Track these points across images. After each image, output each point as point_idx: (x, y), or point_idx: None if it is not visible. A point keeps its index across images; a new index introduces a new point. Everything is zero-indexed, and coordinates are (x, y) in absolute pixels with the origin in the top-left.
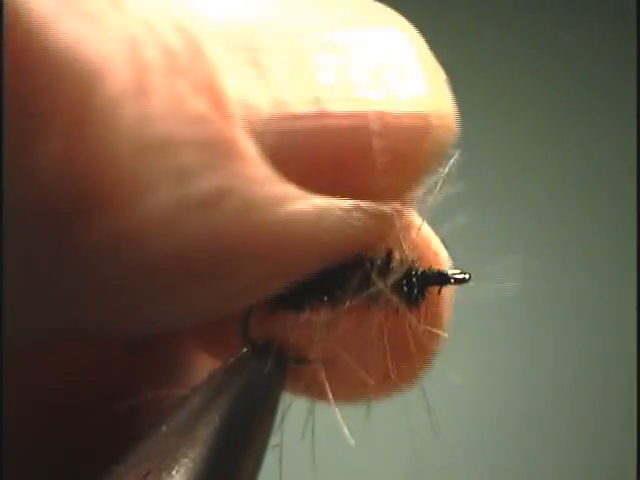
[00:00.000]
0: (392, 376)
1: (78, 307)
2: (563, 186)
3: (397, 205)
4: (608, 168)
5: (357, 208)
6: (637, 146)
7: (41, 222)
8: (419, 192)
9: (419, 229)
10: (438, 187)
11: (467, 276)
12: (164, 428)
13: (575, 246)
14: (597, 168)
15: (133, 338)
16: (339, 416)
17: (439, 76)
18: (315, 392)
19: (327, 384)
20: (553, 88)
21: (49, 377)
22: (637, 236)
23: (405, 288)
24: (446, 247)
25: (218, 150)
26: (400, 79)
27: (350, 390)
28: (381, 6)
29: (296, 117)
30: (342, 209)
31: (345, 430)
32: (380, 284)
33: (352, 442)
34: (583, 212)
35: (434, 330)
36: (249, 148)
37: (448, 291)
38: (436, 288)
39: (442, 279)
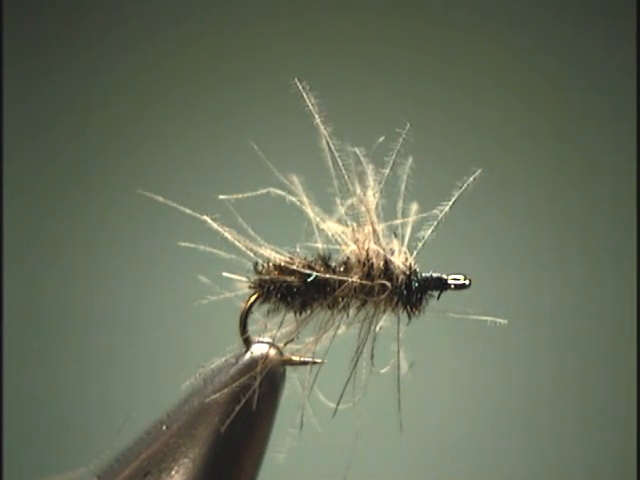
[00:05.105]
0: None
1: None
2: (563, 187)
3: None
4: (608, 168)
5: None
6: (637, 146)
7: None
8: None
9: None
10: (452, 202)
11: (467, 282)
12: (164, 428)
13: (575, 246)
14: (597, 169)
15: None
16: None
17: None
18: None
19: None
20: (553, 88)
21: None
22: (637, 236)
23: (405, 292)
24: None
25: None
26: None
27: None
28: None
29: None
30: None
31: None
32: (380, 289)
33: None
34: (583, 213)
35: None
36: None
37: None
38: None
39: (442, 284)
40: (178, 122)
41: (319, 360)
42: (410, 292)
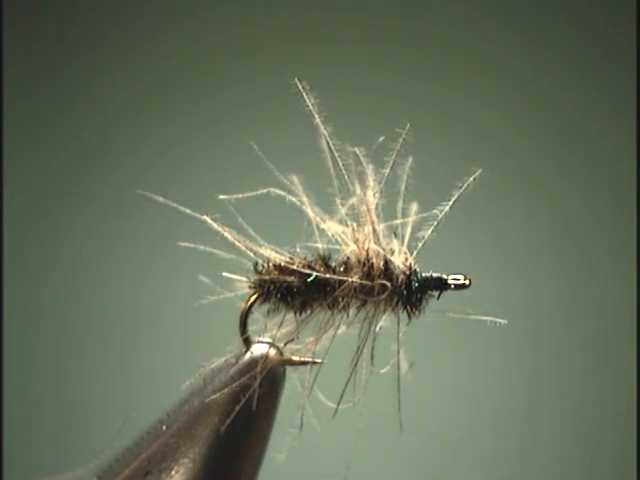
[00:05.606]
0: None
1: None
2: (563, 187)
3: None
4: (608, 169)
5: None
6: (637, 146)
7: None
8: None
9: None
10: (452, 202)
11: (467, 282)
12: (164, 428)
13: (575, 246)
14: (597, 169)
15: None
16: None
17: None
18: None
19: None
20: (553, 88)
21: None
22: (637, 236)
23: (405, 292)
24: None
25: None
26: None
27: None
28: None
29: None
30: None
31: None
32: (380, 289)
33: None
34: (583, 213)
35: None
36: None
37: None
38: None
39: (442, 284)
40: (178, 122)
41: (319, 360)
42: (410, 292)
